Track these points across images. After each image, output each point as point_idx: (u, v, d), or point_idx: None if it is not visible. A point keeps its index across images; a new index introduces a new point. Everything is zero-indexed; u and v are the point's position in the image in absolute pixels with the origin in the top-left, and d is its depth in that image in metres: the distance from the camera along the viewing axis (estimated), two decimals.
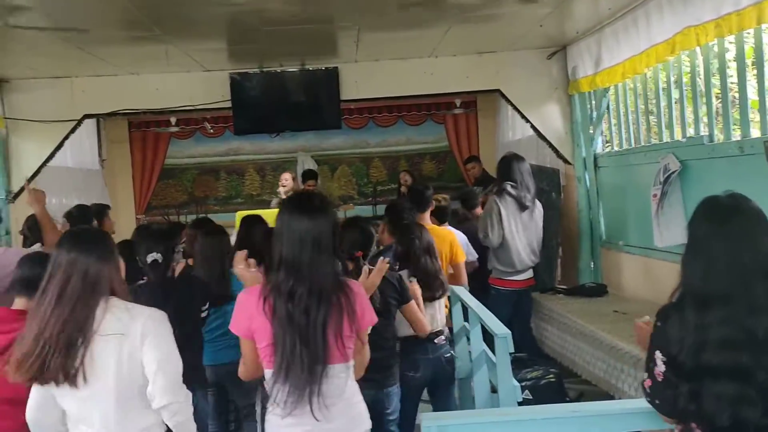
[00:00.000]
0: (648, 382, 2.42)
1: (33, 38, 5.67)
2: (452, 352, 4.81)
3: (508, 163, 6.52)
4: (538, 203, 6.59)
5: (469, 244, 6.18)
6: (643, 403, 2.49)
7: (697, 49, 5.15)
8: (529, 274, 6.54)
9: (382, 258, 3.64)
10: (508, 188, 6.32)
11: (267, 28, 6.00)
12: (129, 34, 5.97)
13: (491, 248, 6.41)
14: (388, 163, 11.93)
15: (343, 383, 2.77)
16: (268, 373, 2.76)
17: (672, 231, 5.41)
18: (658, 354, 2.35)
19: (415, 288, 4.34)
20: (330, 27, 6.37)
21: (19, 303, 3.27)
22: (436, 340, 4.57)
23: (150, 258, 3.93)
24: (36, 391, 2.79)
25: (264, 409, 2.96)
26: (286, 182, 7.62)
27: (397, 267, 4.45)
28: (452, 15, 5.91)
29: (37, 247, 4.97)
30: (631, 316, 5.55)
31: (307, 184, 9.36)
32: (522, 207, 6.35)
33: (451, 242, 5.70)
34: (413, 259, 4.56)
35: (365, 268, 3.66)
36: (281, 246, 2.73)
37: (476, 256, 6.29)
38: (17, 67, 7.10)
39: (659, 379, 2.35)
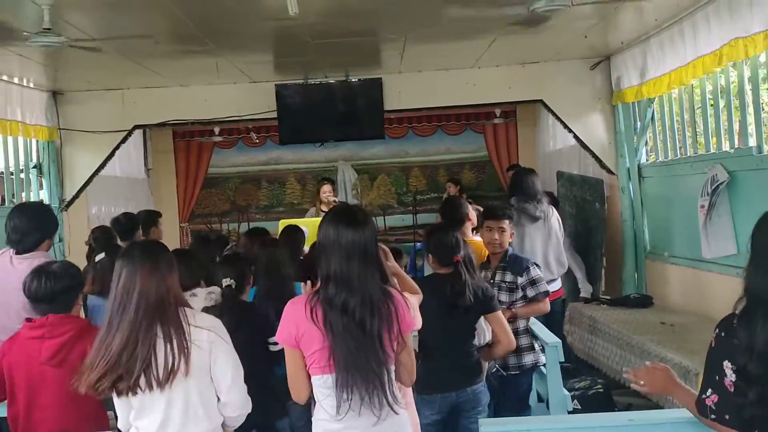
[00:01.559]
0: (713, 398, 2.41)
1: (91, 53, 5.84)
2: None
3: (515, 178, 6.57)
4: (555, 213, 6.52)
5: None
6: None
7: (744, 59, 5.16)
8: (555, 286, 6.38)
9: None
10: (514, 203, 6.24)
11: (316, 41, 6.13)
12: (184, 48, 6.14)
13: None
14: (427, 172, 11.98)
15: (391, 388, 2.81)
16: (316, 379, 2.82)
17: (721, 242, 5.41)
18: (727, 364, 2.35)
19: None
20: (376, 39, 6.48)
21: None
22: None
23: (224, 283, 4.01)
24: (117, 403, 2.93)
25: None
26: (331, 193, 7.76)
27: None
28: (499, 26, 5.97)
29: (101, 257, 5.11)
30: (679, 327, 5.58)
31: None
32: (532, 219, 6.27)
33: (484, 255, 5.73)
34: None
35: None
36: (329, 260, 2.79)
37: None
38: (73, 80, 7.33)
39: (731, 390, 2.35)
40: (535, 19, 5.43)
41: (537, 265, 5.04)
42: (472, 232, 5.83)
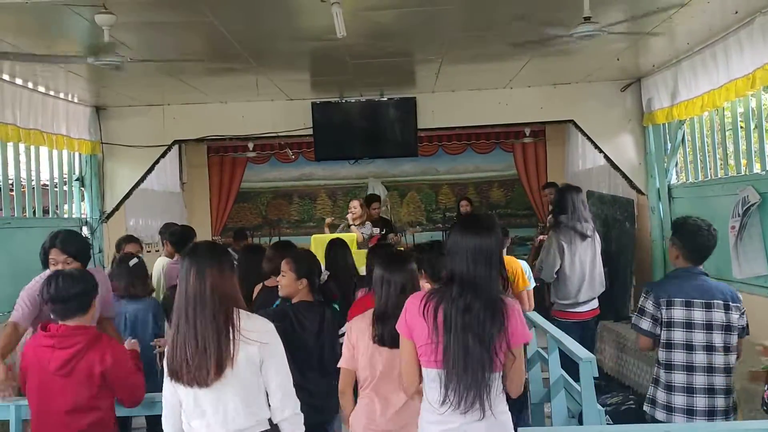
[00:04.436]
0: None
1: (137, 71, 6.05)
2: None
3: (562, 194, 6.53)
4: (596, 234, 6.57)
5: (531, 271, 6.30)
6: (737, 424, 2.60)
7: None
8: (594, 304, 6.49)
9: None
10: (564, 220, 6.31)
11: (354, 61, 6.31)
12: (227, 66, 6.34)
13: (546, 281, 6.44)
14: (456, 190, 12.11)
15: (495, 392, 2.94)
16: (426, 372, 2.97)
17: (751, 263, 5.47)
18: None
19: None
20: (413, 60, 6.65)
21: (71, 321, 3.59)
22: None
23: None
24: (167, 390, 3.06)
25: None
26: (355, 209, 7.87)
27: None
28: (533, 49, 6.10)
29: (134, 261, 5.32)
30: None
31: (371, 207, 9.57)
32: (582, 237, 6.31)
33: (514, 271, 5.84)
34: None
35: None
36: (455, 262, 2.96)
37: (535, 284, 6.37)
38: (116, 96, 7.56)
39: None
40: (567, 43, 5.55)
41: None
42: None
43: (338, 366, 3.64)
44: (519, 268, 5.96)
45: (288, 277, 4.11)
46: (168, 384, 3.04)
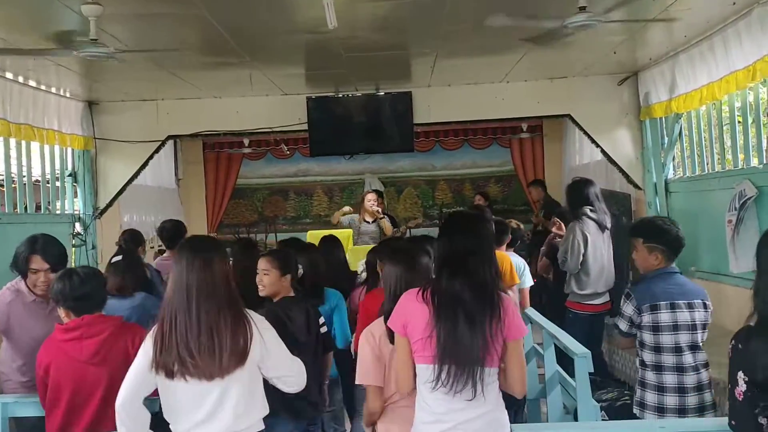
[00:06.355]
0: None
1: (128, 64, 5.98)
2: None
3: (581, 187, 6.39)
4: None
5: (528, 268, 6.26)
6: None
7: None
8: (606, 297, 6.36)
9: None
10: (588, 212, 6.19)
11: (348, 54, 6.25)
12: (220, 60, 6.28)
13: (570, 273, 6.42)
14: (453, 186, 12.08)
15: (490, 387, 2.89)
16: (421, 368, 2.90)
17: (748, 257, 5.41)
18: (740, 375, 2.42)
19: None
20: (408, 53, 6.59)
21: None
22: None
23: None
24: (136, 377, 2.97)
25: None
26: (375, 201, 7.89)
27: None
28: (529, 42, 6.03)
29: (117, 258, 5.21)
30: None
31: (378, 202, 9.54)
32: (602, 228, 6.22)
33: (504, 269, 5.78)
34: None
35: None
36: (446, 258, 2.93)
37: (532, 282, 6.34)
38: (109, 90, 7.50)
39: (739, 399, 2.42)
40: (564, 34, 5.48)
41: None
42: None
43: (366, 384, 3.33)
44: (509, 265, 5.89)
45: (272, 275, 4.01)
46: (147, 375, 2.94)
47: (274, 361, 3.05)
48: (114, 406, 2.99)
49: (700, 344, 3.85)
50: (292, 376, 3.15)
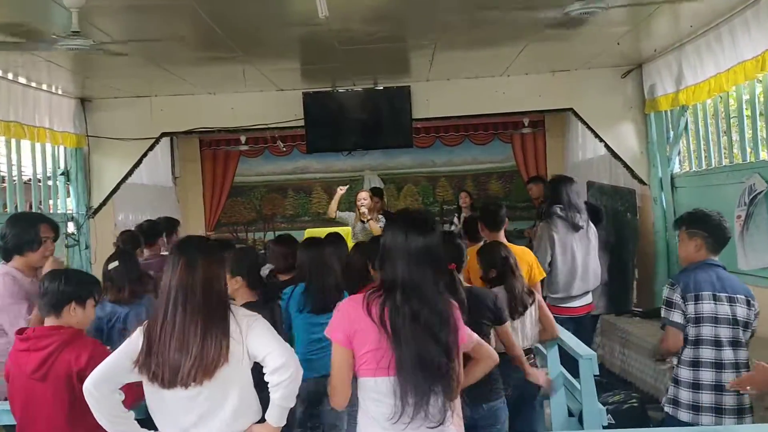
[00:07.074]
0: None
1: (119, 60, 5.83)
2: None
3: (555, 185, 6.32)
4: (592, 225, 6.33)
5: None
6: (739, 429, 2.41)
7: None
8: (588, 299, 6.24)
9: None
10: (557, 211, 6.10)
11: (344, 47, 6.07)
12: (211, 55, 6.11)
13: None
14: (454, 182, 11.92)
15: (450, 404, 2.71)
16: (364, 381, 2.71)
17: (758, 253, 5.26)
18: None
19: None
20: (405, 45, 6.40)
21: (48, 320, 3.35)
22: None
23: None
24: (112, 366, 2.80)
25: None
26: (365, 201, 7.68)
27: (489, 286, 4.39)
28: (531, 32, 5.87)
29: (114, 264, 5.05)
30: None
31: (373, 201, 9.39)
32: (575, 227, 6.10)
33: (530, 262, 5.61)
34: (508, 276, 4.47)
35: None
36: (395, 265, 2.69)
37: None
38: (101, 87, 7.34)
39: None
40: (569, 23, 5.31)
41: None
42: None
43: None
44: (533, 260, 5.72)
45: None
46: (126, 364, 2.78)
47: (260, 342, 2.83)
48: (71, 424, 2.92)
49: (743, 341, 3.64)
50: (276, 351, 2.83)
